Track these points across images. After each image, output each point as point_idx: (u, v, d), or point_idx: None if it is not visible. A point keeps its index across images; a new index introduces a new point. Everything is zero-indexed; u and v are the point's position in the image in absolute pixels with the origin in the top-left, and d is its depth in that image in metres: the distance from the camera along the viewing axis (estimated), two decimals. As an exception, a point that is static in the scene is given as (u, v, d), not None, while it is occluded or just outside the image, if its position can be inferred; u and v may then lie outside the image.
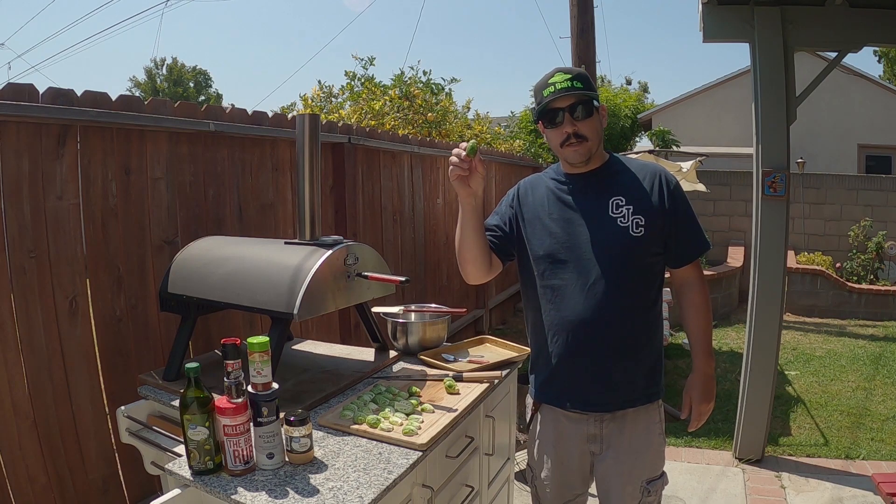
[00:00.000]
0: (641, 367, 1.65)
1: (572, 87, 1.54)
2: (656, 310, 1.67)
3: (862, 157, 12.38)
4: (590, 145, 1.59)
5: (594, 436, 1.67)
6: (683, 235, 1.65)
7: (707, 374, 1.69)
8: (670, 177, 1.66)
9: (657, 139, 8.44)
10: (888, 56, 19.63)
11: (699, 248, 1.69)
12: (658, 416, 1.70)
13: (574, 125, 1.57)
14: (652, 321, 1.66)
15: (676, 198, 1.63)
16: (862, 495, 2.91)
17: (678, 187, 1.65)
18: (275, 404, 1.35)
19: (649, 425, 1.68)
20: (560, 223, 1.65)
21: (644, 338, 1.65)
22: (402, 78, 7.66)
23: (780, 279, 3.20)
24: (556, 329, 1.65)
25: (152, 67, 33.11)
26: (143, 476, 1.96)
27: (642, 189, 1.61)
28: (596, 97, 1.59)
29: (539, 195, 1.71)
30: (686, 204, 1.65)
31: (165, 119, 2.15)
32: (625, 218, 1.58)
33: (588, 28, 6.79)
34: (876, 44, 3.27)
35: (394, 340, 2.18)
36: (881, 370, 5.03)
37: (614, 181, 1.64)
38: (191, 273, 1.89)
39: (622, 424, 1.65)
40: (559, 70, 1.58)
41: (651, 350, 1.66)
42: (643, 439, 1.66)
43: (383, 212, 3.78)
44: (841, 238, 8.29)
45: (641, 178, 1.63)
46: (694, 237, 1.67)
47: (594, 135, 1.59)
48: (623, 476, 1.65)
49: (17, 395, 1.76)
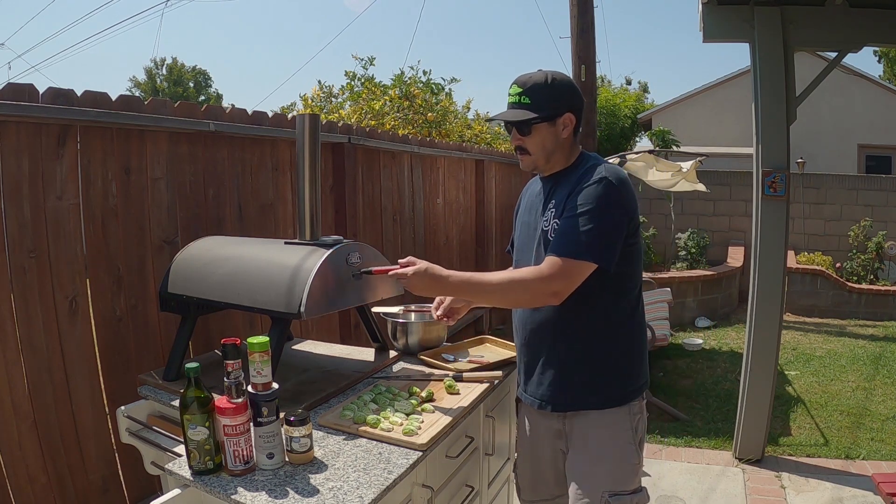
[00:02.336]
0: (590, 367, 1.58)
1: (519, 102, 1.56)
2: (605, 312, 1.56)
3: (862, 157, 12.38)
4: (533, 159, 1.61)
5: (559, 431, 1.65)
6: (557, 229, 1.51)
7: (434, 274, 1.52)
8: (595, 176, 1.51)
9: (657, 139, 8.43)
10: (888, 56, 19.62)
11: (561, 246, 1.47)
12: (630, 425, 1.59)
13: (519, 139, 1.60)
14: (597, 323, 1.57)
15: (578, 194, 1.49)
16: (862, 495, 2.91)
17: (594, 186, 1.49)
18: (275, 404, 1.35)
19: (617, 432, 1.58)
20: (520, 227, 1.75)
21: (587, 338, 1.58)
22: (402, 78, 7.66)
23: (780, 279, 3.20)
24: (514, 327, 1.74)
25: (152, 67, 33.12)
26: (143, 476, 1.96)
27: (567, 191, 1.55)
28: (543, 115, 1.53)
29: (526, 198, 1.78)
30: (585, 202, 1.48)
31: (165, 119, 2.15)
32: (547, 222, 1.57)
33: (588, 28, 6.79)
34: (876, 44, 3.27)
35: (394, 340, 2.18)
36: (881, 370, 5.03)
37: (560, 185, 1.60)
38: (191, 273, 1.88)
39: (585, 425, 1.60)
40: (516, 81, 1.58)
41: (602, 351, 1.58)
42: (608, 446, 1.58)
43: (383, 212, 3.78)
44: (841, 238, 8.29)
45: (575, 179, 1.55)
46: (563, 235, 1.49)
47: (537, 149, 1.59)
48: (579, 478, 1.59)
49: (17, 395, 1.76)
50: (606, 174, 1.51)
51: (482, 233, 5.48)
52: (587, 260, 1.46)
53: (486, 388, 1.83)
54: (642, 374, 1.66)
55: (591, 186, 1.49)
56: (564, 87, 1.58)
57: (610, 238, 1.48)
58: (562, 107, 1.57)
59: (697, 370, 5.08)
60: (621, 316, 1.60)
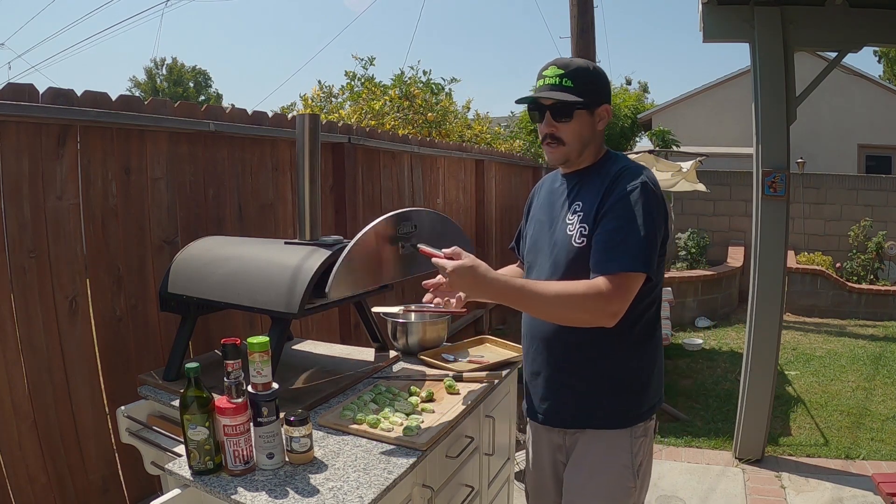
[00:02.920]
0: (596, 385, 1.50)
1: (559, 84, 1.43)
2: (621, 327, 1.39)
3: (862, 157, 12.38)
4: (566, 150, 1.48)
5: (560, 446, 1.61)
6: (602, 239, 1.39)
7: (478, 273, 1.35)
8: (630, 178, 1.41)
9: (657, 139, 8.42)
10: (888, 56, 19.62)
11: (614, 260, 1.35)
12: (629, 446, 1.51)
13: (553, 126, 1.46)
14: (613, 338, 1.44)
15: (617, 199, 1.39)
16: (862, 495, 2.91)
17: (637, 191, 1.39)
18: (275, 404, 1.34)
19: (614, 451, 1.51)
20: (534, 224, 1.63)
21: (597, 354, 1.48)
22: (402, 78, 7.66)
23: (780, 279, 3.20)
24: (523, 335, 1.64)
25: (152, 67, 33.13)
26: (143, 476, 1.96)
27: (598, 193, 1.44)
28: (585, 102, 1.44)
29: (542, 194, 1.68)
30: (627, 209, 1.37)
31: (165, 119, 2.15)
32: (573, 225, 1.46)
33: (588, 28, 6.79)
34: (876, 44, 3.27)
35: (394, 340, 2.18)
36: (881, 370, 5.03)
37: (585, 184, 1.50)
38: (191, 273, 1.88)
39: (584, 441, 1.54)
40: (555, 63, 1.46)
41: (611, 369, 1.49)
42: (603, 463, 1.52)
43: (383, 212, 3.73)
44: (841, 238, 8.29)
45: (607, 180, 1.45)
46: (613, 246, 1.36)
47: (573, 139, 1.47)
48: (573, 493, 1.56)
49: (17, 395, 1.76)
50: (646, 178, 1.42)
51: (482, 233, 5.48)
52: (641, 271, 1.35)
53: (486, 388, 1.83)
54: (655, 394, 1.57)
55: (634, 192, 1.38)
56: (604, 78, 1.49)
57: (655, 246, 1.39)
58: (602, 97, 1.48)
59: (697, 370, 5.08)
60: (648, 328, 1.52)
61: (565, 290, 1.37)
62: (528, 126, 10.09)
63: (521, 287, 1.38)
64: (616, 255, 1.35)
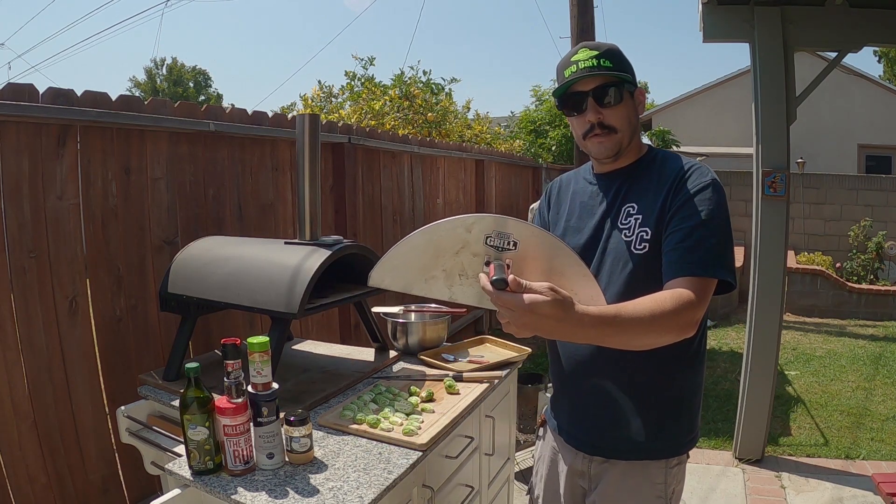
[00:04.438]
0: (642, 416, 1.32)
1: (598, 65, 1.25)
2: (677, 349, 1.22)
3: (862, 157, 12.39)
4: (619, 137, 1.30)
5: (582, 473, 1.43)
6: (678, 239, 1.21)
7: (561, 316, 1.01)
8: (699, 175, 1.27)
9: (657, 139, 8.44)
10: (888, 56, 19.62)
11: (695, 263, 1.18)
12: (663, 477, 1.35)
13: (599, 113, 1.28)
14: (667, 362, 1.29)
15: (690, 196, 1.23)
16: (862, 495, 2.91)
17: (710, 189, 1.25)
18: (275, 404, 1.34)
19: (643, 486, 1.35)
20: (571, 232, 1.40)
21: (646, 381, 1.31)
22: (402, 78, 7.67)
23: (780, 279, 3.20)
24: (554, 351, 1.45)
25: (152, 67, 33.15)
26: (143, 476, 1.96)
27: (658, 193, 1.27)
28: (629, 79, 1.29)
29: (568, 197, 1.47)
30: (705, 208, 1.22)
31: (165, 119, 2.15)
32: (630, 230, 1.28)
33: (588, 28, 6.78)
34: (876, 44, 3.27)
35: (394, 340, 2.18)
36: (881, 370, 5.03)
37: (635, 183, 1.32)
38: (191, 273, 1.88)
39: (612, 472, 1.37)
40: (584, 46, 1.29)
41: (660, 397, 1.33)
42: (631, 498, 1.36)
43: (383, 212, 3.78)
44: (841, 238, 8.30)
45: (664, 178, 1.28)
46: (692, 249, 1.19)
47: (625, 124, 1.30)
48: None
49: (17, 395, 1.76)
50: (715, 176, 1.28)
51: (482, 233, 5.47)
52: (722, 277, 1.19)
53: (486, 388, 1.83)
54: (697, 424, 1.42)
55: (707, 189, 1.24)
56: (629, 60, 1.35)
57: (733, 250, 1.25)
58: (635, 79, 1.32)
59: (697, 370, 5.07)
60: (704, 338, 1.37)
61: (659, 308, 1.10)
62: (527, 126, 10.08)
63: (615, 315, 1.08)
64: (699, 257, 1.18)
